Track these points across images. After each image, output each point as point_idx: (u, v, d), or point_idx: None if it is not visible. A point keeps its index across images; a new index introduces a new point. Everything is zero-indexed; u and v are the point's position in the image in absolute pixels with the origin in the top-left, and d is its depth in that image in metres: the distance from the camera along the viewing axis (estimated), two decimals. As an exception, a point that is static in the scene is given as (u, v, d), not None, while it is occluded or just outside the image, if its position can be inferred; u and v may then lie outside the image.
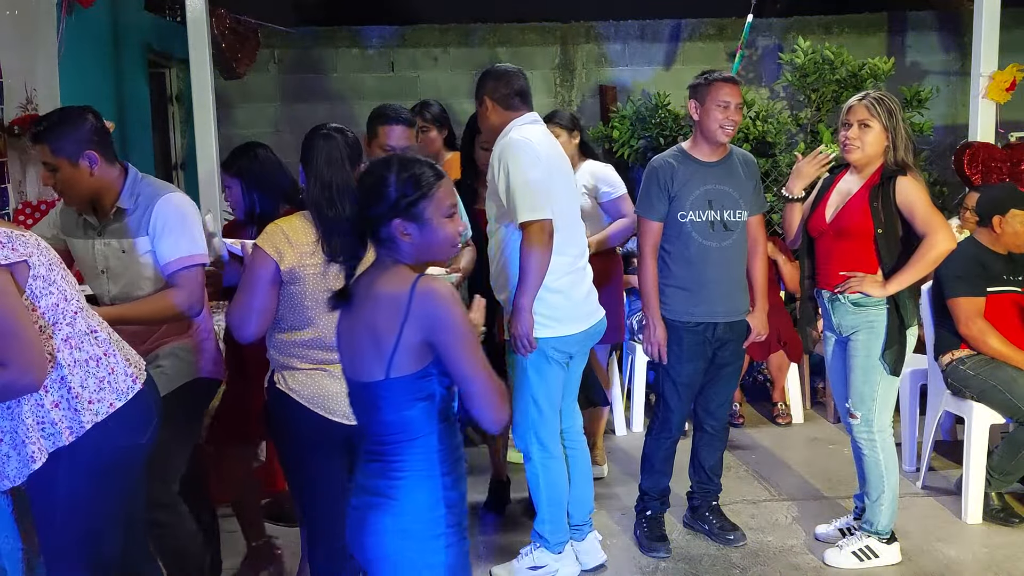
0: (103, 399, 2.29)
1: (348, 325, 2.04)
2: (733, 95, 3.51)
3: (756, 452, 4.88)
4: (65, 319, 2.26)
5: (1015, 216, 3.88)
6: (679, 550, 3.74)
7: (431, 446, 1.99)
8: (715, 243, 3.58)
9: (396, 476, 1.99)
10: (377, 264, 2.03)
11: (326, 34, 6.99)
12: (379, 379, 1.94)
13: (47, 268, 2.23)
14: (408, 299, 1.91)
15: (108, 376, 2.31)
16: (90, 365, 2.28)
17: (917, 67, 7.12)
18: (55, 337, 2.23)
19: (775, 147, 5.91)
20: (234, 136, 6.51)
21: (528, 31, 7.06)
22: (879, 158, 3.42)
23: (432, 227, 2.00)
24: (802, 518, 4.01)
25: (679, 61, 7.04)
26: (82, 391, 2.26)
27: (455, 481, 2.03)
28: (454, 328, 1.91)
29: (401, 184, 1.97)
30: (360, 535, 2.04)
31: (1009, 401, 3.82)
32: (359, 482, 2.08)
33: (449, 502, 2.01)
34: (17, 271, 2.16)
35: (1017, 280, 3.96)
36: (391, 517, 1.99)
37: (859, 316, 3.44)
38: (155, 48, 6.36)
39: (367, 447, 2.06)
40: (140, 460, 2.41)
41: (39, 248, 2.24)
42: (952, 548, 3.71)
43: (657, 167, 3.61)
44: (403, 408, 1.95)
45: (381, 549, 2.01)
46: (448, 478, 2.01)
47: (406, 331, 1.90)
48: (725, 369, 3.72)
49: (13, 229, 2.20)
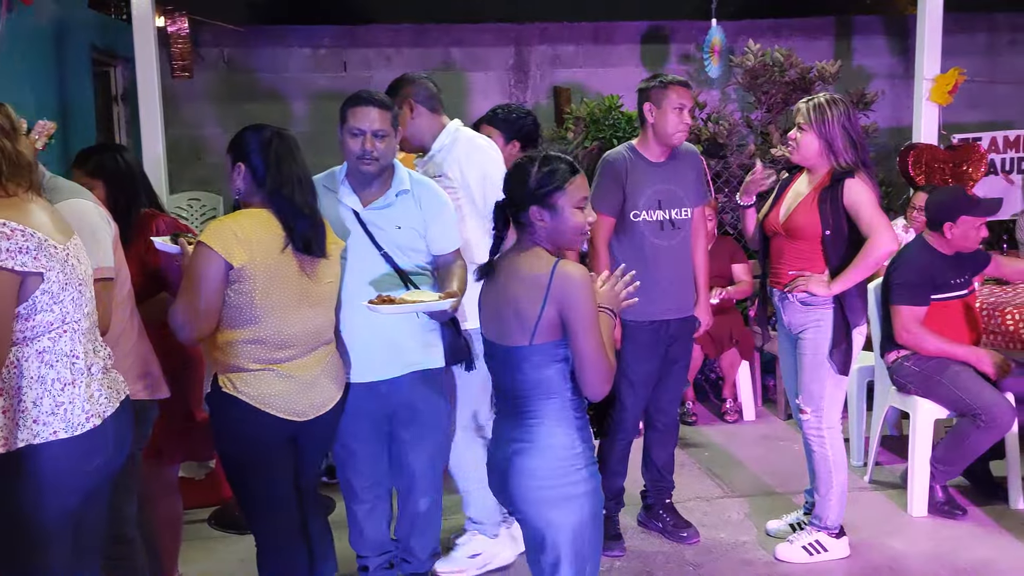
0: (49, 424, 2.16)
1: (493, 296, 2.36)
2: (687, 98, 3.56)
3: (709, 449, 4.92)
4: (49, 335, 2.17)
5: (965, 223, 3.95)
6: (633, 548, 3.76)
7: (565, 398, 2.28)
8: (665, 242, 3.63)
9: (536, 424, 2.29)
10: (518, 245, 2.34)
11: (277, 33, 6.92)
12: (523, 345, 2.25)
13: (60, 287, 2.16)
14: (549, 280, 2.21)
15: (68, 404, 2.19)
16: (54, 387, 2.18)
17: (863, 70, 7.26)
18: (29, 346, 2.14)
19: (726, 148, 5.97)
20: (182, 136, 6.42)
21: (482, 31, 7.06)
22: (821, 161, 3.47)
23: (564, 216, 2.28)
24: (754, 514, 4.06)
25: (633, 63, 7.09)
26: (32, 408, 2.15)
27: (585, 423, 2.34)
28: (580, 308, 2.20)
29: (540, 176, 2.28)
30: (507, 483, 2.33)
31: (953, 395, 3.91)
32: (502, 435, 2.37)
33: (584, 438, 2.32)
34: (29, 280, 2.10)
35: (963, 281, 4.04)
36: (533, 458, 2.28)
37: (807, 315, 3.50)
38: (99, 46, 6.24)
39: (505, 403, 2.37)
40: (83, 485, 2.25)
41: (66, 264, 2.18)
42: (898, 541, 3.78)
43: (612, 160, 3.64)
44: (543, 368, 2.26)
45: (530, 490, 2.29)
46: (580, 420, 2.31)
47: (547, 307, 2.21)
48: (676, 365, 3.76)
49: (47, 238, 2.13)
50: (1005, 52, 7.37)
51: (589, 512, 2.30)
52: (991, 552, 3.66)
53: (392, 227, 3.02)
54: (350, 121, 2.95)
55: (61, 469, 2.17)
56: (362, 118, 2.93)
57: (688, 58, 7.11)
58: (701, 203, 3.77)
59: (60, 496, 2.19)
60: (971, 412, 3.86)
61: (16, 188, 2.16)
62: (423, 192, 3.11)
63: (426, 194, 3.11)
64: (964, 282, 4.04)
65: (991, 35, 7.37)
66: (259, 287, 2.59)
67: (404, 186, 3.06)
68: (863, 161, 3.47)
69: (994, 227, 6.27)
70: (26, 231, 2.09)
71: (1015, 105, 7.23)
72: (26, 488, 2.15)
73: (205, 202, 6.87)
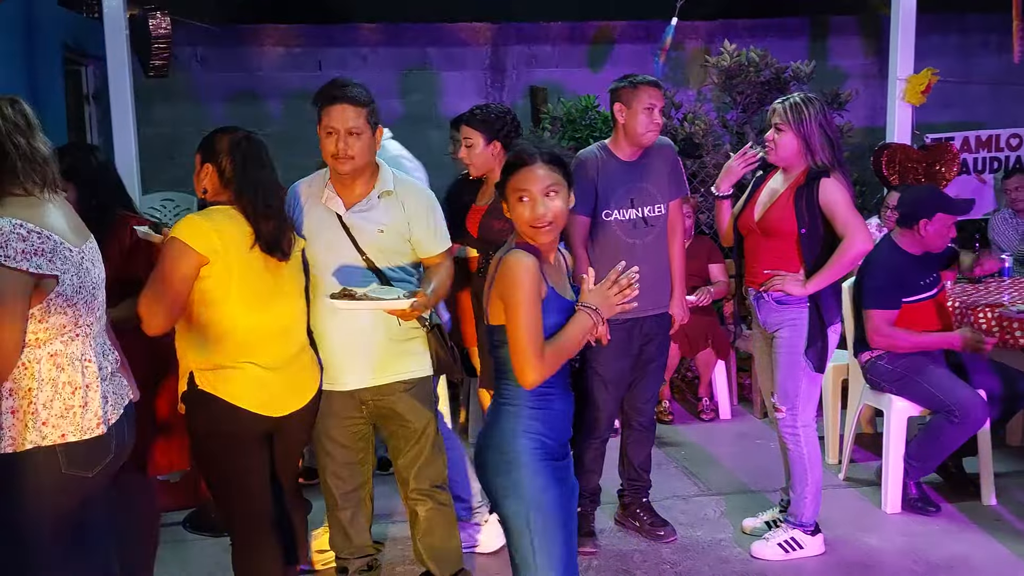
0: (59, 427, 2.16)
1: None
2: (658, 98, 3.56)
3: (685, 448, 4.94)
4: (61, 338, 2.17)
5: (940, 220, 3.97)
6: (610, 547, 3.76)
7: (515, 381, 2.29)
8: (639, 240, 3.63)
9: (496, 404, 2.38)
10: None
11: (251, 32, 6.87)
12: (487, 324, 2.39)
13: (75, 290, 2.17)
14: (496, 266, 2.31)
15: (79, 408, 2.19)
16: (64, 390, 2.18)
17: (838, 70, 7.32)
18: (42, 349, 2.14)
19: (702, 148, 5.99)
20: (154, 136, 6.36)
21: (458, 31, 7.05)
22: (799, 160, 3.49)
23: (512, 208, 2.34)
24: (730, 512, 4.07)
25: (609, 63, 7.11)
26: (42, 410, 2.15)
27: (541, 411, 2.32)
28: (510, 296, 2.25)
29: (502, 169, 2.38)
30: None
31: (927, 392, 3.94)
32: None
33: (535, 428, 2.32)
34: (44, 282, 2.10)
35: (931, 281, 4.06)
36: (489, 439, 2.37)
37: (782, 313, 3.51)
38: (71, 45, 6.17)
39: None
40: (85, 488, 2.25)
41: (80, 267, 2.18)
42: (873, 537, 3.81)
43: (584, 160, 3.64)
44: (497, 349, 2.34)
45: (483, 470, 2.39)
46: (532, 406, 2.32)
47: (491, 291, 2.33)
48: (651, 365, 3.76)
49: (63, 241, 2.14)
50: (977, 53, 7.45)
51: (535, 500, 2.29)
52: (964, 548, 3.69)
53: (374, 230, 2.94)
54: (323, 119, 2.88)
55: (67, 472, 2.18)
56: (335, 116, 2.84)
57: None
58: (676, 196, 3.75)
59: (63, 499, 2.19)
60: (944, 409, 3.89)
61: (32, 186, 2.16)
62: (408, 193, 3.01)
63: (411, 195, 3.01)
64: (932, 282, 4.06)
65: (964, 36, 7.45)
66: (233, 282, 2.62)
67: (387, 187, 2.97)
68: (838, 160, 3.49)
69: (966, 226, 6.33)
70: (43, 233, 2.09)
71: (987, 105, 7.32)
72: (30, 489, 2.15)
73: (179, 202, 6.81)
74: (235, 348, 2.66)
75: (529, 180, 2.29)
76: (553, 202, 2.29)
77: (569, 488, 2.40)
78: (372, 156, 2.94)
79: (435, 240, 3.04)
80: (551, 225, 2.30)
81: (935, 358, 4.04)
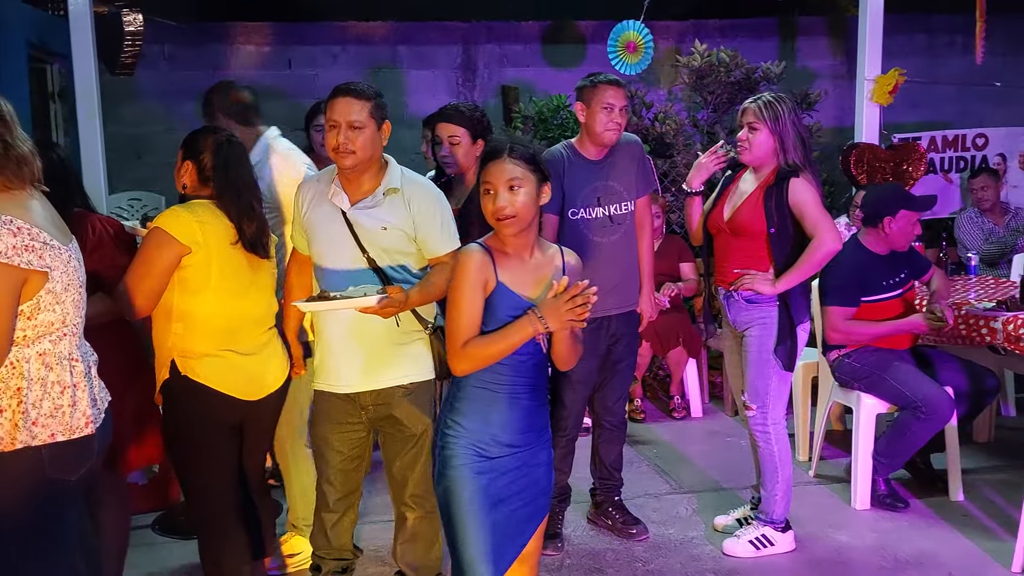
0: (48, 426, 2.15)
1: None
2: (617, 98, 3.54)
3: (657, 446, 4.95)
4: (50, 336, 2.18)
5: (904, 217, 4.01)
6: (583, 545, 3.76)
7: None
8: (606, 239, 3.63)
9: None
10: None
11: (220, 30, 6.80)
12: None
13: (63, 287, 2.18)
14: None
15: (67, 408, 2.19)
16: (53, 389, 2.17)
17: (807, 71, 7.38)
18: (31, 347, 2.14)
19: (673, 148, 6.02)
20: (121, 135, 6.29)
21: (429, 30, 7.02)
22: (772, 159, 3.50)
23: (483, 204, 2.35)
24: (702, 510, 4.09)
25: (581, 62, 7.11)
26: (31, 410, 2.14)
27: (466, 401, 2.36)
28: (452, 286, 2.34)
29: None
30: None
31: (895, 389, 3.97)
32: None
33: (456, 423, 2.36)
34: (33, 278, 2.11)
35: (896, 282, 4.10)
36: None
37: (752, 312, 3.53)
38: (36, 43, 6.06)
39: None
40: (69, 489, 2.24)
41: (68, 265, 2.20)
42: (843, 534, 3.84)
43: (550, 160, 3.62)
44: None
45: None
46: (460, 404, 2.36)
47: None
48: (620, 365, 3.76)
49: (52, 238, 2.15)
50: (944, 53, 7.54)
51: (452, 490, 2.33)
52: (932, 543, 3.73)
53: (377, 227, 2.85)
54: (327, 113, 2.84)
55: (54, 472, 2.18)
56: (338, 109, 2.79)
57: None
58: (645, 192, 3.74)
59: (43, 501, 2.19)
60: (911, 406, 3.93)
61: (14, 179, 2.16)
62: (414, 191, 2.91)
63: (417, 194, 2.91)
64: (898, 282, 4.09)
65: (930, 36, 7.54)
66: (213, 273, 2.77)
67: (393, 184, 2.88)
68: (808, 160, 3.51)
69: (933, 225, 6.42)
70: (32, 229, 2.11)
71: (954, 105, 7.41)
72: (17, 489, 2.14)
73: (146, 202, 6.73)
74: (215, 336, 2.82)
75: (493, 173, 2.31)
76: (516, 196, 2.29)
77: (498, 486, 2.35)
78: (376, 151, 2.86)
79: (441, 240, 2.93)
80: (513, 219, 2.30)
81: (902, 356, 4.08)
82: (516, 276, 2.34)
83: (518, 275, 2.34)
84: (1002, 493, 4.14)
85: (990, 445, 4.79)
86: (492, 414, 2.36)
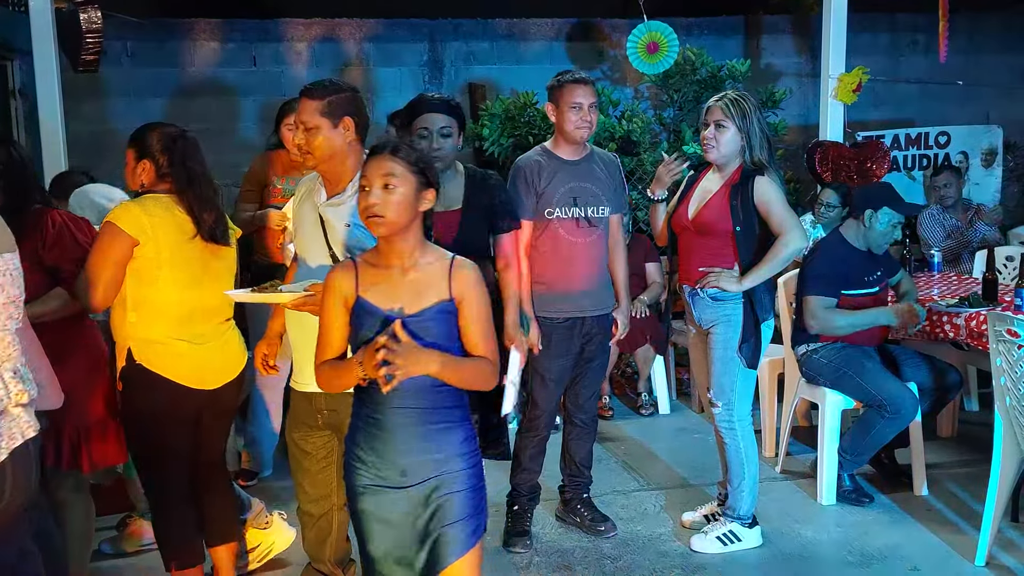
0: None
1: None
2: (586, 96, 3.53)
3: (625, 443, 4.97)
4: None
5: (886, 215, 4.04)
6: (551, 543, 3.76)
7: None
8: (581, 239, 3.62)
9: None
10: None
11: (183, 26, 6.70)
12: None
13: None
14: None
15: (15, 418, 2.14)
16: None
17: (772, 69, 7.42)
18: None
19: (640, 146, 6.03)
20: (83, 132, 6.18)
21: (395, 27, 6.97)
22: (737, 157, 3.52)
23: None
24: (669, 506, 4.11)
25: (547, 60, 7.10)
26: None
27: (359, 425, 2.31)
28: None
29: None
30: None
31: (860, 386, 4.01)
32: None
33: (350, 442, 2.33)
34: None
35: (874, 279, 4.14)
36: None
37: (717, 310, 3.55)
38: (-6, 38, 5.96)
39: None
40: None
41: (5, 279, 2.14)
42: (809, 529, 3.87)
43: (522, 165, 3.62)
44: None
45: None
46: (356, 423, 2.31)
47: None
48: (592, 363, 3.77)
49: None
50: (907, 52, 7.62)
51: (350, 504, 2.38)
52: (897, 537, 3.77)
53: (341, 225, 2.80)
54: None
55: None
56: (298, 110, 2.85)
57: (602, 56, 7.16)
58: (619, 212, 3.76)
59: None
60: (877, 403, 3.97)
61: None
62: None
63: None
64: (875, 280, 4.14)
65: (893, 35, 7.62)
66: (164, 262, 2.86)
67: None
68: (772, 158, 3.54)
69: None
70: None
71: (916, 104, 7.49)
72: None
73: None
74: (168, 325, 2.91)
75: (371, 167, 2.22)
76: (391, 195, 2.17)
77: (391, 500, 2.27)
78: (337, 149, 2.80)
79: None
80: (382, 219, 2.18)
81: (870, 353, 4.12)
82: (385, 289, 2.20)
83: (387, 287, 2.21)
84: (965, 487, 4.20)
85: (953, 440, 4.85)
86: (379, 443, 2.25)
